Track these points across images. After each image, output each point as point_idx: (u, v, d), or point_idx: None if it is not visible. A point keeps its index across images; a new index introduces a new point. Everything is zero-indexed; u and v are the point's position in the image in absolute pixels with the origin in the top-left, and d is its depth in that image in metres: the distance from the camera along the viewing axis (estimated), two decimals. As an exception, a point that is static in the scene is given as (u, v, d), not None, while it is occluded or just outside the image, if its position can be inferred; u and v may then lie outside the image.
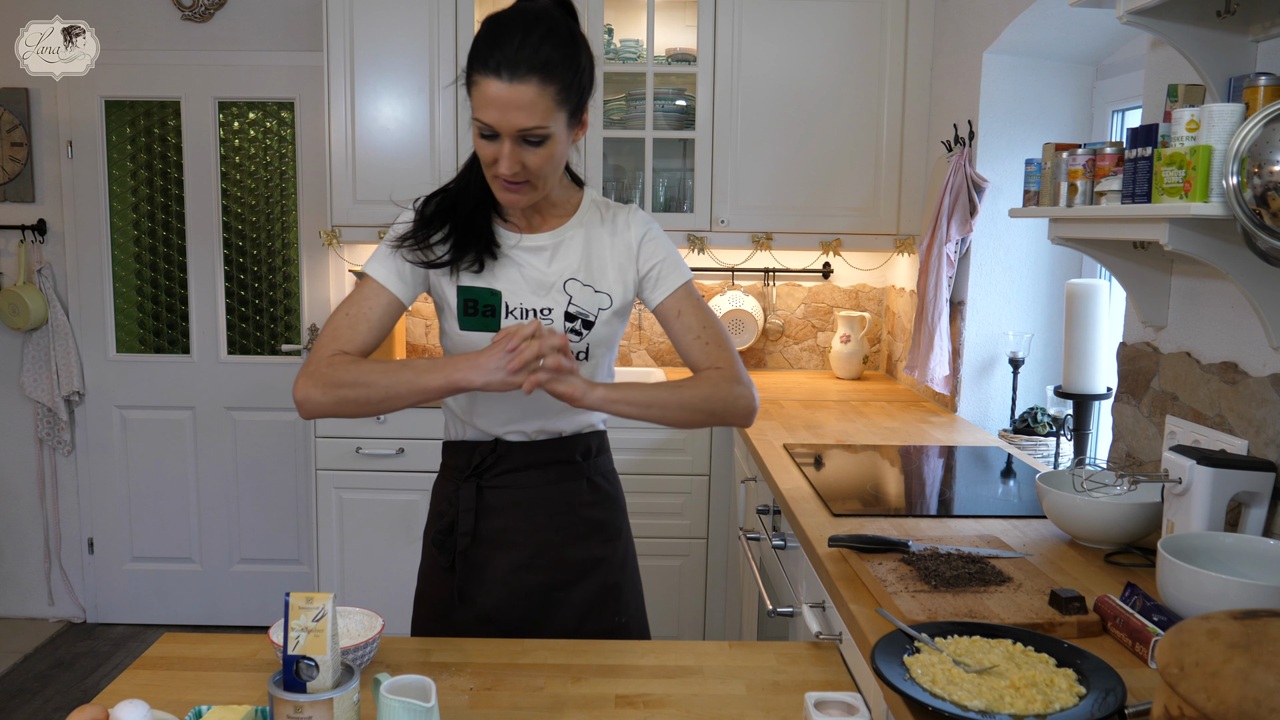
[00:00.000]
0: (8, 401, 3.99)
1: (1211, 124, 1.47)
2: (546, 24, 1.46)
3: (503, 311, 1.61)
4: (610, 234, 1.67)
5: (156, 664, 1.45)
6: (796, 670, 1.43)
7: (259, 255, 3.98)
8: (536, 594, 1.67)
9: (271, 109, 3.91)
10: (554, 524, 1.68)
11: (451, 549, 1.68)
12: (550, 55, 1.44)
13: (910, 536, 1.79)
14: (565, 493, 1.69)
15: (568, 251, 1.64)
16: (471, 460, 1.68)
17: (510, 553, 1.67)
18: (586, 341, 1.64)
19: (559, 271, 1.63)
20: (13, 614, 4.09)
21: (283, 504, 4.01)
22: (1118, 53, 2.79)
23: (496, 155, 1.48)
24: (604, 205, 1.70)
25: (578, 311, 1.63)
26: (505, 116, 1.44)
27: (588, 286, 1.64)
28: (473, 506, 1.67)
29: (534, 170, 1.50)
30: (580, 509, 1.70)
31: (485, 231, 1.61)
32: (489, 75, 1.43)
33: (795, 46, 3.44)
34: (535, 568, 1.67)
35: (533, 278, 1.62)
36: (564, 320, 1.62)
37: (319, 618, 1.18)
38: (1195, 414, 1.85)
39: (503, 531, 1.67)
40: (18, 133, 3.83)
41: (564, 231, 1.65)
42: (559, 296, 1.62)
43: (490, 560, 1.67)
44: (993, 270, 2.99)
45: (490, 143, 1.48)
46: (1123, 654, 1.33)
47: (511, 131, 1.45)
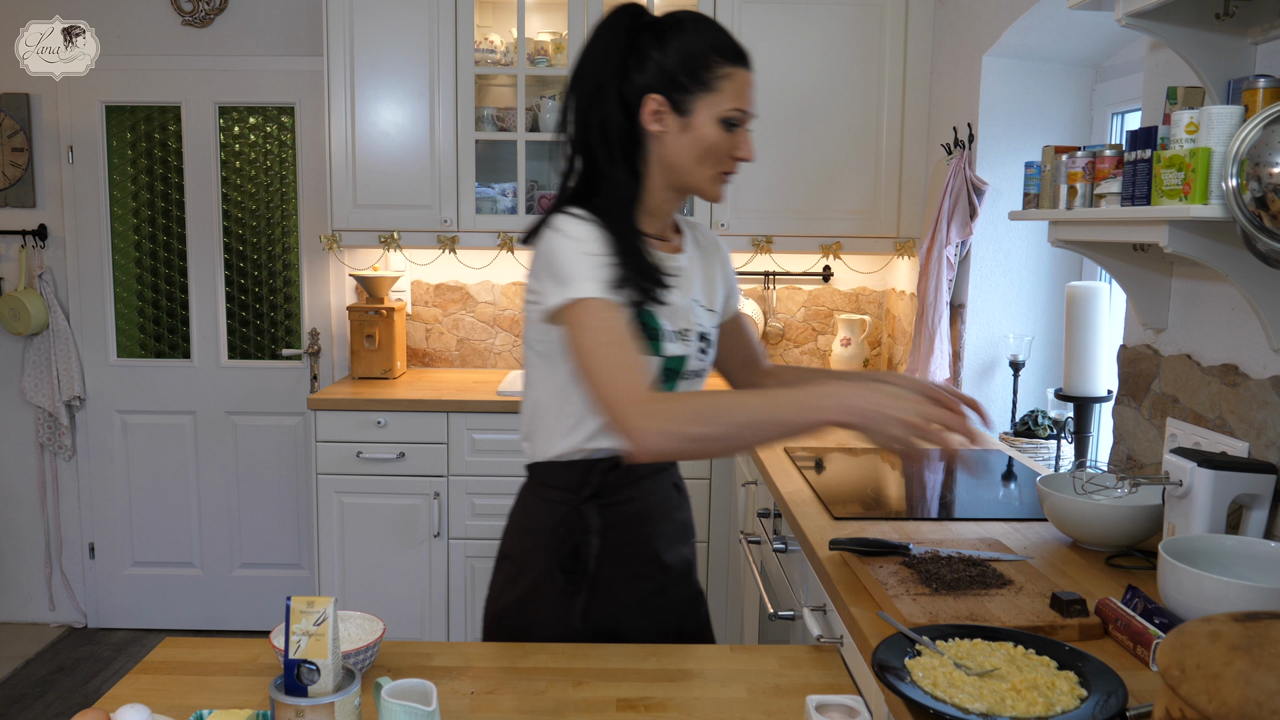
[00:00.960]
0: (9, 406, 3.99)
1: (1211, 126, 1.47)
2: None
3: (662, 334, 1.54)
4: (706, 249, 1.70)
5: (158, 668, 1.45)
6: (798, 674, 1.43)
7: (259, 260, 3.98)
8: (647, 600, 1.64)
9: (272, 114, 3.91)
10: (657, 532, 1.66)
11: (580, 572, 1.59)
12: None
13: (911, 539, 1.79)
14: (665, 501, 1.69)
15: (692, 271, 1.64)
16: (589, 479, 1.58)
17: (622, 566, 1.62)
18: (708, 359, 1.65)
19: (690, 294, 1.61)
20: (14, 619, 4.09)
21: (283, 508, 4.01)
22: (1117, 55, 2.79)
23: (738, 141, 1.54)
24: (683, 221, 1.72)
25: (705, 332, 1.63)
26: (752, 102, 1.53)
27: (704, 306, 1.65)
28: (600, 526, 1.59)
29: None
30: (673, 513, 1.70)
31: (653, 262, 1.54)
32: (739, 65, 1.51)
33: (794, 50, 3.44)
34: (643, 576, 1.63)
35: (676, 302, 1.57)
36: (698, 340, 1.60)
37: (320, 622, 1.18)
38: (1196, 416, 1.85)
39: (617, 546, 1.61)
40: (19, 138, 3.83)
41: (686, 252, 1.65)
42: (692, 319, 1.60)
43: (607, 576, 1.61)
44: (993, 273, 2.99)
45: (731, 132, 1.52)
46: (1124, 656, 1.33)
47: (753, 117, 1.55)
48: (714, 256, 1.71)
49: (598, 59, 1.52)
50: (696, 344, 1.60)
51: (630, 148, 1.53)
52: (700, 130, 1.51)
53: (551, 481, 1.61)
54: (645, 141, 1.53)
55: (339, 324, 3.93)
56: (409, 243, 3.54)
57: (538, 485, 1.64)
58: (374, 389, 3.44)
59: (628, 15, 1.53)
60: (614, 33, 1.52)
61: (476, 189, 3.51)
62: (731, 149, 1.53)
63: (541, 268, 1.49)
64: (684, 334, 1.58)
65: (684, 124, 1.51)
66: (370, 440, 3.29)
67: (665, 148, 1.52)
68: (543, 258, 1.48)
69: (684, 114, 1.50)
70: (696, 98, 1.49)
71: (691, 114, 1.50)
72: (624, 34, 1.51)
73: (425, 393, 3.38)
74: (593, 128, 1.51)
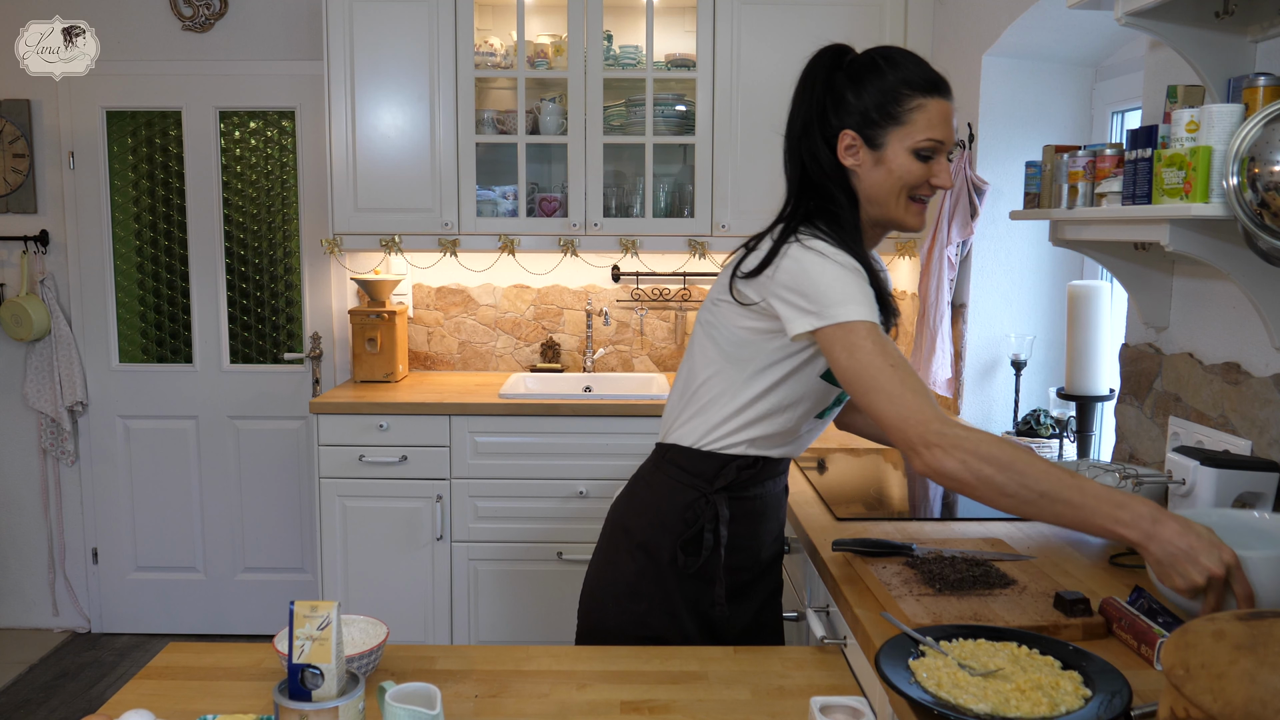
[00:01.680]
0: (11, 412, 3.99)
1: (1211, 125, 1.47)
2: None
3: None
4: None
5: (162, 674, 1.45)
6: (801, 675, 1.43)
7: (261, 264, 3.99)
8: (744, 595, 1.73)
9: (272, 118, 3.92)
10: (765, 529, 1.74)
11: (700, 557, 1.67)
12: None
13: (914, 540, 1.79)
14: (778, 501, 1.77)
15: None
16: (725, 472, 1.66)
17: (732, 557, 1.70)
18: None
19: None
20: (17, 624, 4.10)
21: (286, 512, 4.01)
22: (1116, 54, 2.79)
23: (931, 172, 1.56)
24: None
25: None
26: (950, 130, 1.56)
27: None
28: (728, 518, 1.67)
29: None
30: (779, 511, 1.77)
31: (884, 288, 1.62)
32: (936, 96, 1.54)
33: (794, 50, 3.40)
34: (743, 568, 1.71)
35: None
36: None
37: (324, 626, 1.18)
38: (1198, 415, 1.85)
39: (733, 538, 1.69)
40: (19, 144, 3.84)
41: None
42: None
43: (718, 566, 1.68)
44: (994, 272, 2.99)
45: (924, 163, 1.55)
46: (1128, 656, 1.33)
47: (952, 143, 1.57)
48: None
49: (801, 100, 1.64)
50: None
51: (841, 183, 1.60)
52: (893, 162, 1.55)
53: (687, 466, 1.67)
54: (849, 178, 1.60)
55: (340, 328, 3.93)
56: (410, 246, 3.54)
57: (670, 466, 1.70)
58: (376, 392, 3.44)
59: (829, 56, 1.63)
60: (815, 73, 1.63)
61: (477, 192, 3.51)
62: (927, 177, 1.57)
63: (790, 283, 1.50)
64: None
65: (877, 157, 1.56)
66: (372, 444, 3.29)
67: (862, 181, 1.59)
68: (793, 274, 1.50)
69: (876, 148, 1.56)
70: (888, 131, 1.55)
71: (884, 147, 1.56)
72: (824, 73, 1.61)
73: (427, 396, 3.38)
74: (808, 165, 1.62)
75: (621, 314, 3.89)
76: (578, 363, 3.90)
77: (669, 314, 3.90)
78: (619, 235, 3.59)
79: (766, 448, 1.67)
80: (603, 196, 3.51)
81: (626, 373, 3.89)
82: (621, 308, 3.89)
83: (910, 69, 1.56)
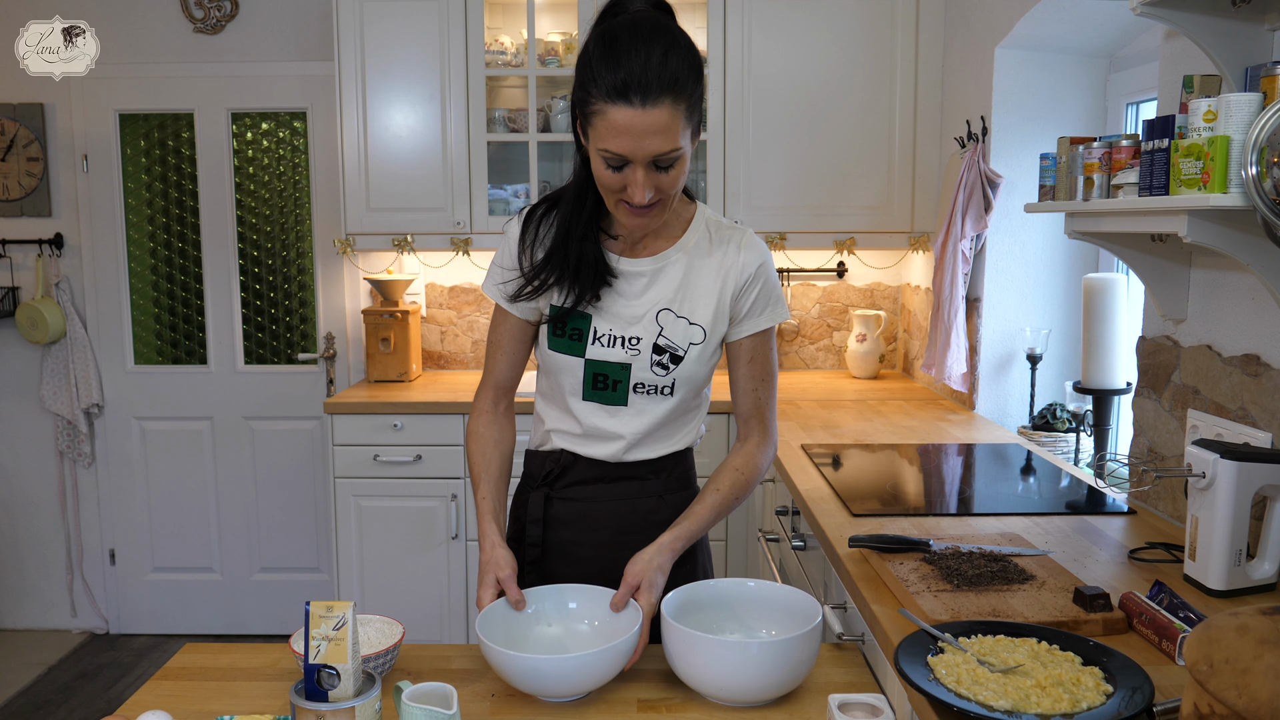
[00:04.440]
0: (28, 414, 4.02)
1: (1229, 114, 1.46)
2: (668, 36, 1.37)
3: (590, 336, 1.56)
4: (717, 260, 1.57)
5: (179, 674, 1.45)
6: (819, 672, 1.42)
7: (274, 265, 4.00)
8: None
9: (284, 119, 3.93)
10: (621, 540, 1.59)
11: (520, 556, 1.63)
12: (679, 69, 1.35)
13: (931, 535, 1.78)
14: (634, 509, 1.63)
15: (667, 278, 1.56)
16: (544, 469, 1.65)
17: (577, 567, 1.62)
18: (673, 376, 1.56)
19: (653, 301, 1.55)
20: (36, 626, 4.12)
21: (302, 512, 4.02)
22: (1131, 45, 2.77)
23: (625, 183, 1.39)
24: (715, 226, 1.60)
25: (666, 345, 1.55)
26: (640, 144, 1.35)
27: (681, 318, 1.55)
28: (540, 517, 1.64)
29: (667, 191, 1.42)
30: (650, 528, 1.58)
31: (599, 263, 1.54)
32: (617, 102, 1.33)
33: (805, 46, 3.43)
34: (601, 581, 1.56)
35: (624, 307, 1.55)
36: (651, 352, 1.54)
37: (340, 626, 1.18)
38: (1217, 407, 1.83)
39: (570, 545, 1.64)
40: (34, 147, 3.85)
41: (667, 256, 1.56)
42: (650, 327, 1.55)
43: (557, 573, 1.62)
44: (1009, 266, 2.97)
45: (617, 172, 1.39)
46: (1149, 651, 1.32)
47: (645, 157, 1.36)
48: (721, 270, 1.56)
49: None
50: (650, 355, 1.55)
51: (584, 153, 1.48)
52: (593, 160, 1.42)
53: (525, 467, 1.73)
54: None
55: (354, 328, 3.94)
56: (423, 245, 3.55)
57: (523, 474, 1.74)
58: (390, 392, 3.44)
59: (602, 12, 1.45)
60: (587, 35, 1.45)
61: (489, 190, 3.51)
62: (616, 188, 1.41)
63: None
64: (629, 341, 1.55)
65: (589, 148, 1.43)
66: (387, 443, 3.30)
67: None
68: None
69: (586, 139, 1.43)
70: (588, 125, 1.40)
71: (589, 141, 1.41)
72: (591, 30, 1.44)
73: (441, 395, 3.38)
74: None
75: (634, 311, 3.88)
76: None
77: (682, 311, 3.88)
78: (631, 232, 3.58)
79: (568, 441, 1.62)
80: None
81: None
82: (634, 305, 3.88)
83: (602, 63, 1.35)
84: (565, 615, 1.46)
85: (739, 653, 1.27)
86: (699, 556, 1.68)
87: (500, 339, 1.65)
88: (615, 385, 1.56)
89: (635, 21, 1.39)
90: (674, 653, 1.32)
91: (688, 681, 1.32)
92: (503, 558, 1.49)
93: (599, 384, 1.57)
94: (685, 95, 1.36)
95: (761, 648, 1.27)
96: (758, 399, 1.62)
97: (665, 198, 1.43)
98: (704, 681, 1.30)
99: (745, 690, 1.28)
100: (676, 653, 1.32)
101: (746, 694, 1.29)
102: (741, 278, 1.56)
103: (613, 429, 1.59)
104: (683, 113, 1.36)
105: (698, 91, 1.39)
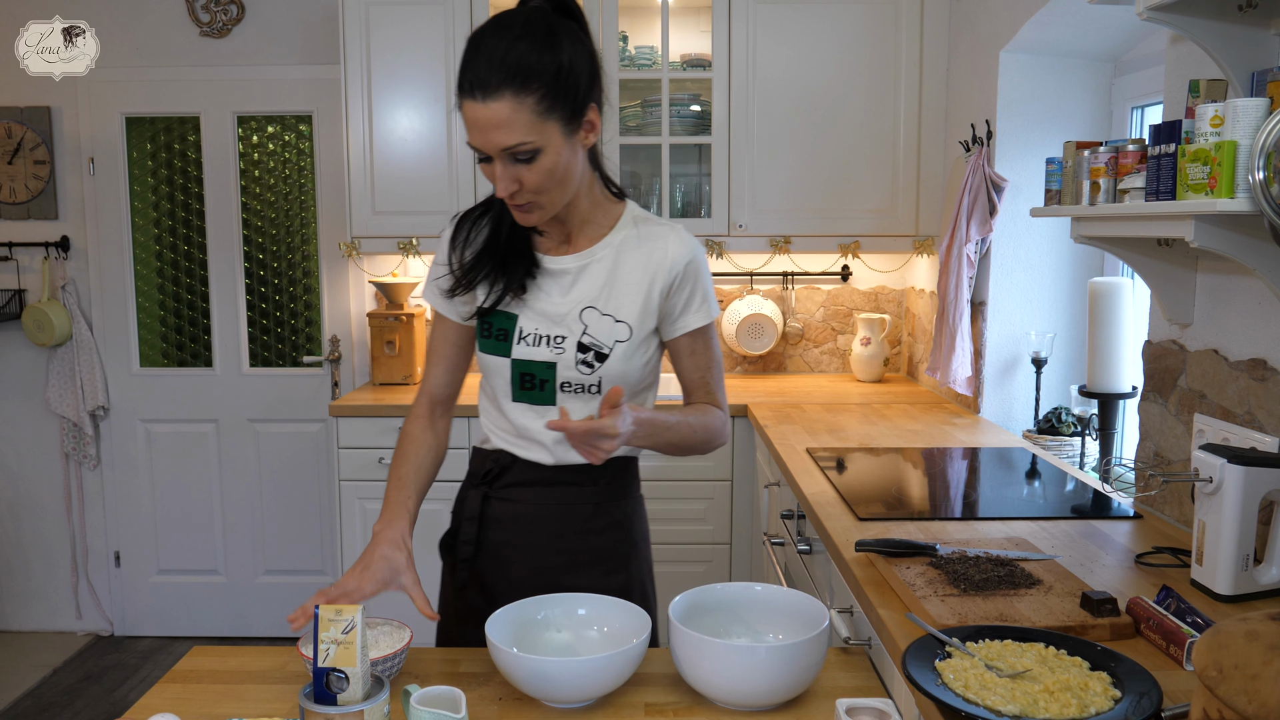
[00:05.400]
0: (34, 417, 4.02)
1: (1236, 119, 1.46)
2: (519, 28, 1.37)
3: (515, 336, 1.57)
4: (644, 257, 1.56)
5: (186, 677, 1.46)
6: (826, 677, 1.42)
7: (279, 268, 4.00)
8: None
9: (290, 122, 3.94)
10: (554, 547, 1.61)
11: (454, 554, 1.68)
12: (523, 60, 1.35)
13: (937, 540, 1.78)
14: (569, 514, 1.61)
15: (591, 276, 1.56)
16: (485, 466, 1.66)
17: (509, 569, 1.62)
18: (599, 374, 1.55)
19: (577, 299, 1.55)
20: (41, 628, 4.13)
21: (307, 515, 4.03)
22: (1136, 48, 2.77)
23: (493, 177, 1.42)
24: (643, 221, 1.60)
25: (591, 343, 1.54)
26: (487, 137, 1.37)
27: (607, 316, 1.55)
28: (476, 515, 1.64)
29: (533, 188, 1.42)
30: (586, 535, 1.60)
31: (526, 255, 1.57)
32: (465, 96, 1.37)
33: (810, 49, 3.44)
34: (533, 586, 1.55)
35: (548, 305, 1.56)
36: (576, 350, 1.54)
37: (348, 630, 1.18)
38: (1224, 412, 1.83)
39: (504, 546, 1.63)
40: (40, 150, 3.87)
41: (593, 253, 1.57)
42: (574, 325, 1.55)
43: (489, 573, 1.64)
44: (1014, 270, 2.97)
45: (488, 166, 1.42)
46: (1157, 656, 1.32)
47: (496, 151, 1.38)
48: (649, 268, 1.56)
49: None
50: (575, 354, 1.54)
51: None
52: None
53: (470, 465, 1.72)
54: None
55: (359, 330, 3.94)
56: (428, 249, 3.55)
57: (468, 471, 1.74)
58: (395, 394, 3.45)
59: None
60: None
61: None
62: (491, 182, 1.44)
63: None
64: (553, 340, 1.55)
65: None
66: (392, 446, 3.30)
67: None
68: None
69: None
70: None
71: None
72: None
73: (446, 398, 3.38)
74: None
75: (639, 314, 3.89)
76: (595, 364, 3.90)
77: (686, 314, 3.89)
78: (636, 236, 3.59)
79: (506, 441, 1.63)
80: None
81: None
82: (639, 308, 3.88)
83: (466, 59, 1.38)
84: (575, 621, 1.47)
85: (746, 657, 1.27)
86: (633, 569, 1.66)
87: (436, 345, 1.67)
88: (542, 384, 1.57)
89: (503, 18, 1.40)
90: (681, 657, 1.32)
91: (695, 686, 1.33)
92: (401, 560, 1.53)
93: (526, 383, 1.57)
94: (533, 86, 1.35)
95: (769, 652, 1.27)
96: (705, 386, 1.64)
97: (538, 195, 1.43)
98: (711, 686, 1.30)
99: (753, 694, 1.28)
100: (684, 657, 1.32)
101: (754, 698, 1.29)
102: (670, 275, 1.56)
103: (542, 430, 1.58)
104: (531, 105, 1.35)
105: (559, 82, 1.37)
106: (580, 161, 1.48)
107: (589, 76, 1.43)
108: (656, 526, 1.89)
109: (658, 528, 3.46)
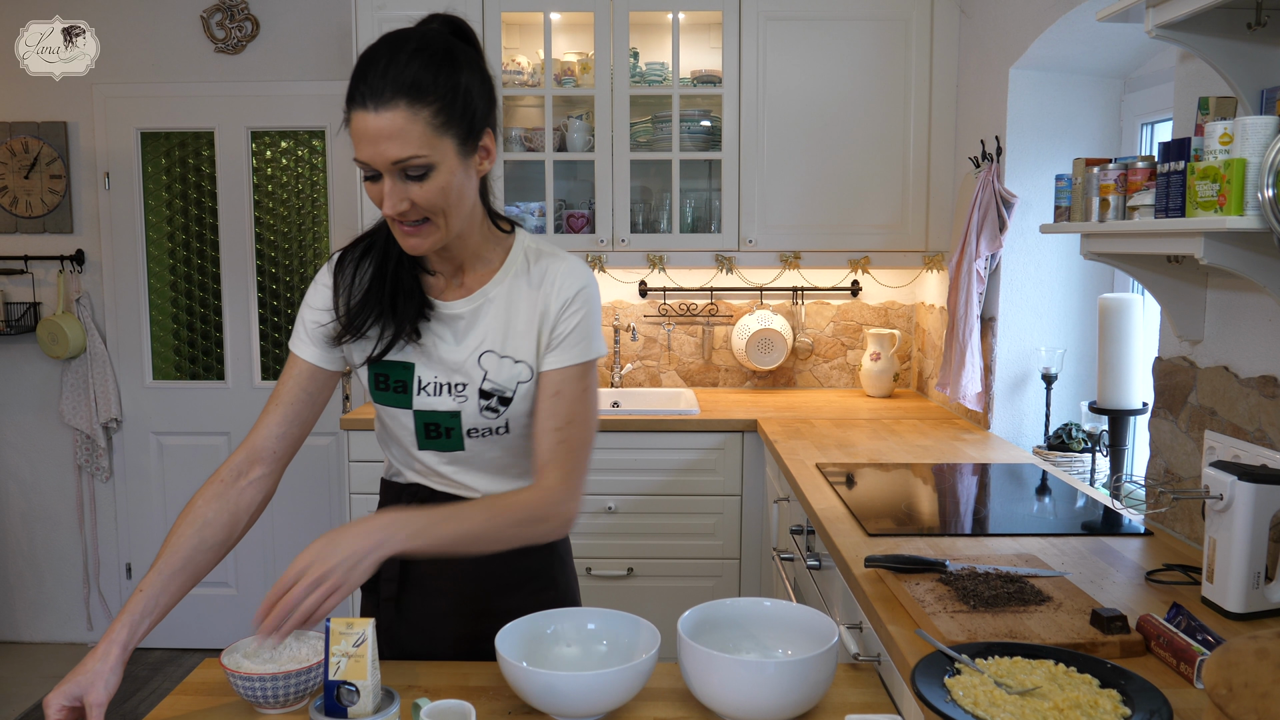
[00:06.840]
0: (47, 429, 4.05)
1: (1245, 137, 1.46)
2: (415, 43, 1.34)
3: (415, 386, 1.50)
4: (534, 291, 1.50)
5: (198, 689, 1.46)
6: (835, 692, 1.42)
7: (292, 282, 4.03)
8: (463, 643, 1.58)
9: (303, 137, 3.97)
10: (481, 572, 1.55)
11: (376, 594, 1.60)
12: (420, 75, 1.31)
13: (947, 556, 1.78)
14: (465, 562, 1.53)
15: (486, 319, 1.49)
16: (400, 500, 1.60)
17: (436, 600, 1.58)
18: (505, 417, 1.49)
19: (474, 344, 1.49)
20: (52, 639, 4.14)
21: (317, 528, 4.03)
22: (1145, 65, 2.78)
23: (381, 195, 1.34)
24: (535, 255, 1.53)
25: (493, 388, 1.48)
26: (377, 149, 1.30)
27: (505, 358, 1.48)
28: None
29: (425, 206, 1.34)
30: (510, 557, 1.49)
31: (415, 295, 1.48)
32: (356, 107, 1.31)
33: (820, 66, 3.45)
34: (461, 615, 1.55)
35: (446, 353, 1.49)
36: (479, 397, 1.48)
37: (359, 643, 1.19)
38: (1235, 429, 1.83)
39: (429, 577, 1.57)
40: (56, 165, 3.90)
41: (485, 294, 1.49)
42: (474, 371, 1.48)
43: (415, 606, 1.59)
44: (1023, 286, 2.97)
45: (375, 184, 1.34)
46: (1167, 674, 1.31)
47: (387, 165, 1.31)
48: (539, 303, 1.49)
49: None
50: (478, 401, 1.48)
51: None
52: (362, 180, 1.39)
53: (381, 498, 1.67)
54: None
55: (370, 344, 3.96)
56: (439, 263, 3.56)
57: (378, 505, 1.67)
58: (405, 408, 3.45)
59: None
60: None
61: (505, 209, 3.53)
62: (377, 202, 1.35)
63: None
64: (455, 388, 1.49)
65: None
66: (402, 460, 3.31)
67: None
68: None
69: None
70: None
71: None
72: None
73: (456, 412, 3.39)
74: None
75: (649, 329, 3.90)
76: (605, 378, 3.91)
77: (696, 329, 3.90)
78: (646, 251, 3.60)
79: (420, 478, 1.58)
80: (630, 212, 3.53)
81: (654, 388, 3.89)
82: (649, 323, 3.90)
83: (358, 71, 1.32)
84: (584, 635, 1.47)
85: (756, 672, 1.27)
86: (561, 584, 1.64)
87: (283, 392, 1.51)
88: (448, 432, 1.50)
89: (399, 35, 1.36)
90: (690, 672, 1.33)
91: (704, 701, 1.33)
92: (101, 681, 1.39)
93: (432, 433, 1.51)
94: (427, 101, 1.31)
95: (778, 667, 1.27)
96: (556, 446, 1.46)
97: (431, 214, 1.36)
98: (720, 701, 1.30)
99: (762, 710, 1.28)
100: (693, 672, 1.32)
101: (763, 714, 1.29)
102: (556, 305, 1.48)
103: (456, 476, 1.55)
104: (425, 120, 1.31)
105: (455, 102, 1.34)
106: (472, 190, 1.42)
107: (486, 100, 1.40)
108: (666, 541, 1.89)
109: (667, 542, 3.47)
